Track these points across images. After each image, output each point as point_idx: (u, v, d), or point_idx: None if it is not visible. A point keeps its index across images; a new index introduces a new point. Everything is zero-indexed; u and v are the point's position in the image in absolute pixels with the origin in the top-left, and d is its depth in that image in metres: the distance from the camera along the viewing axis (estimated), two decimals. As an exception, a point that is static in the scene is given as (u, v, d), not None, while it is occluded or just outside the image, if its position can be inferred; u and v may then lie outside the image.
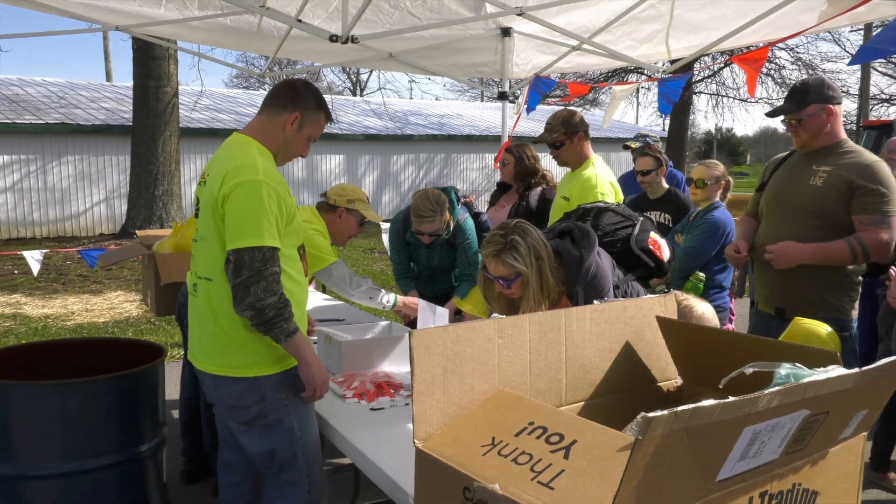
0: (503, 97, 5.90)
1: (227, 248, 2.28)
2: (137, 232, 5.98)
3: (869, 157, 3.01)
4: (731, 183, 4.24)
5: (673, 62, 5.53)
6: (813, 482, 1.33)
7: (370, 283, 3.59)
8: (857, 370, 1.19)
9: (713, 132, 57.02)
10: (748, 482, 1.19)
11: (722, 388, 1.34)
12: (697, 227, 4.07)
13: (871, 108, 25.38)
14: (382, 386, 2.82)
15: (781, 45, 20.92)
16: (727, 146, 57.94)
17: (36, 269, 6.01)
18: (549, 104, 22.96)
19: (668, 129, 23.20)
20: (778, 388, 1.07)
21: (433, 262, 4.13)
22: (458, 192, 4.10)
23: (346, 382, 2.88)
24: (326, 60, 6.26)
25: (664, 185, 4.75)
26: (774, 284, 3.18)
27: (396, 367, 3.09)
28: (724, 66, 21.64)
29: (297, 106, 2.47)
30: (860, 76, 25.29)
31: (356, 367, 3.04)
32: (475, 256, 3.98)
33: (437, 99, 35.20)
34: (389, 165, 19.04)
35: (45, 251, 6.42)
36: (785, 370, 1.25)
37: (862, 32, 21.48)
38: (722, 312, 3.96)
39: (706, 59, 16.95)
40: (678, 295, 2.06)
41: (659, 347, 1.77)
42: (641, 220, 2.92)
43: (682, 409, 0.97)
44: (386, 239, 5.40)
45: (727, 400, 1.01)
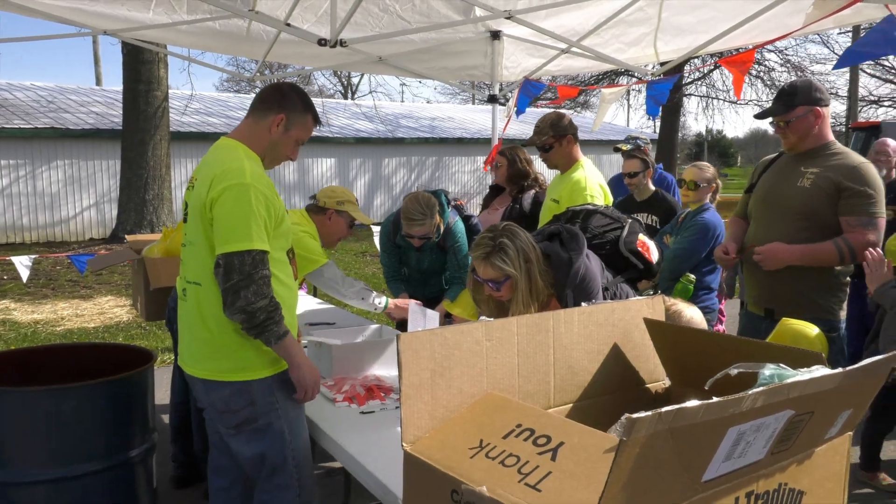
0: (493, 100, 5.91)
1: (216, 252, 2.28)
2: (127, 237, 5.97)
3: (856, 158, 3.03)
4: (720, 185, 4.27)
5: (662, 65, 5.55)
6: (799, 482, 1.34)
7: (361, 284, 3.60)
8: (840, 370, 1.19)
9: (704, 134, 57.39)
10: (734, 482, 1.20)
11: (707, 389, 1.34)
12: (687, 228, 4.09)
13: (859, 109, 25.53)
14: (372, 389, 2.82)
15: (771, 47, 21.05)
16: (718, 148, 58.19)
17: (25, 274, 5.96)
18: (539, 107, 23.00)
19: (658, 131, 23.29)
20: (762, 388, 1.08)
21: (423, 264, 4.13)
22: (448, 194, 4.11)
23: (336, 386, 2.87)
24: (316, 64, 6.26)
25: (651, 187, 4.79)
26: (763, 286, 3.20)
27: (386, 370, 3.09)
28: (713, 68, 21.73)
29: (283, 108, 2.46)
30: (849, 78, 25.48)
31: (346, 370, 3.03)
32: (465, 259, 3.99)
33: (428, 102, 35.19)
34: (381, 168, 19.03)
35: (34, 256, 6.37)
36: (769, 371, 1.26)
37: (850, 34, 21.62)
38: (710, 314, 3.98)
39: (696, 61, 17.03)
40: (667, 300, 2.07)
41: (647, 349, 1.78)
42: (630, 222, 2.93)
43: (665, 409, 0.97)
44: (378, 242, 5.40)
45: (711, 401, 1.01)
